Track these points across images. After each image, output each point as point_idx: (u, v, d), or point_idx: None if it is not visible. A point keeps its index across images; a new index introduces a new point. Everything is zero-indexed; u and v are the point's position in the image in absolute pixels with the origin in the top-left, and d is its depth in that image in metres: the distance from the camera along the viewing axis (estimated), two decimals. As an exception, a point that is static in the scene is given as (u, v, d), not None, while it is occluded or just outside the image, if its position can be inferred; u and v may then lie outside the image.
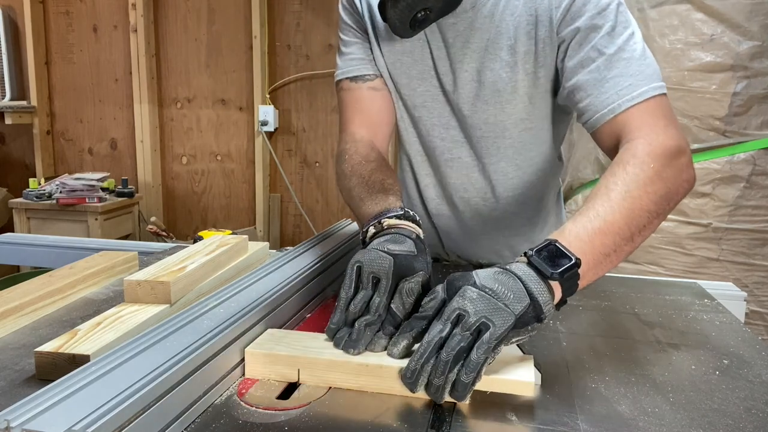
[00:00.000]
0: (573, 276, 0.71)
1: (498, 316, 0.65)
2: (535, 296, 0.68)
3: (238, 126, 3.67)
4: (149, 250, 1.35)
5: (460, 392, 0.64)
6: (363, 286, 0.75)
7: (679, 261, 2.13)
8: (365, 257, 0.77)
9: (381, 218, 0.86)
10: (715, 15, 2.02)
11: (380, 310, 0.73)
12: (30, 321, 0.88)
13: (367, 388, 0.68)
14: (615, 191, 0.80)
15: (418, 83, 1.11)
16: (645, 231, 0.81)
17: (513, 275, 0.69)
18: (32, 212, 3.30)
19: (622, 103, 0.90)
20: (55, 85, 3.86)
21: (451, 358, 0.63)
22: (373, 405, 0.66)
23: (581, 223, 0.76)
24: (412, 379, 0.65)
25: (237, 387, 0.70)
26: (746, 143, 2.05)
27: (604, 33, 0.92)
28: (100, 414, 0.50)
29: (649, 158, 0.83)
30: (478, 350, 0.64)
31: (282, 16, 3.51)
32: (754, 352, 0.84)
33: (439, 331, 0.65)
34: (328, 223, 3.09)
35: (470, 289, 0.67)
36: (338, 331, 0.74)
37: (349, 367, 0.69)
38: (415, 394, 0.66)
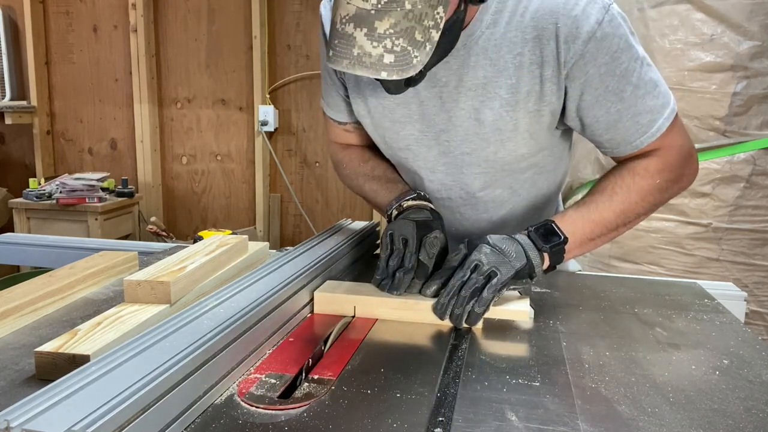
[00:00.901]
0: (560, 251, 0.95)
1: (503, 267, 0.90)
2: (530, 259, 0.93)
3: (238, 126, 3.67)
4: (149, 250, 1.35)
5: (473, 319, 0.88)
6: (396, 246, 0.97)
7: (679, 261, 2.13)
8: (394, 226, 0.99)
9: (401, 201, 1.07)
10: (715, 15, 2.02)
11: (412, 262, 0.95)
12: (30, 321, 0.88)
13: (406, 319, 0.92)
14: (619, 195, 1.00)
15: (401, 127, 1.08)
16: (630, 225, 1.02)
17: (516, 241, 0.94)
18: (32, 212, 3.30)
19: (644, 140, 0.99)
20: (55, 85, 3.87)
21: (468, 294, 0.88)
22: (374, 402, 0.66)
23: (581, 213, 0.99)
24: (441, 310, 0.89)
25: (237, 387, 0.70)
26: (746, 143, 2.05)
27: (619, 76, 0.95)
28: (100, 414, 0.50)
29: (658, 174, 1.00)
30: (488, 290, 0.88)
31: (282, 16, 3.51)
32: (754, 352, 0.84)
33: (460, 276, 0.90)
34: (328, 223, 3.09)
35: (485, 246, 0.92)
36: (382, 281, 0.96)
37: (393, 303, 0.93)
38: (442, 322, 0.90)
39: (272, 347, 0.82)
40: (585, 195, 1.03)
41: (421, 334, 0.89)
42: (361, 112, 1.11)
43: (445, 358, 0.80)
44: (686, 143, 1.02)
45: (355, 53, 0.78)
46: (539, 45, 0.94)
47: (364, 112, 1.11)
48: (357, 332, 0.88)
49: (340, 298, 0.94)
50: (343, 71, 1.06)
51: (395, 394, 0.68)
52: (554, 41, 0.93)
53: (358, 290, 0.96)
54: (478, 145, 1.05)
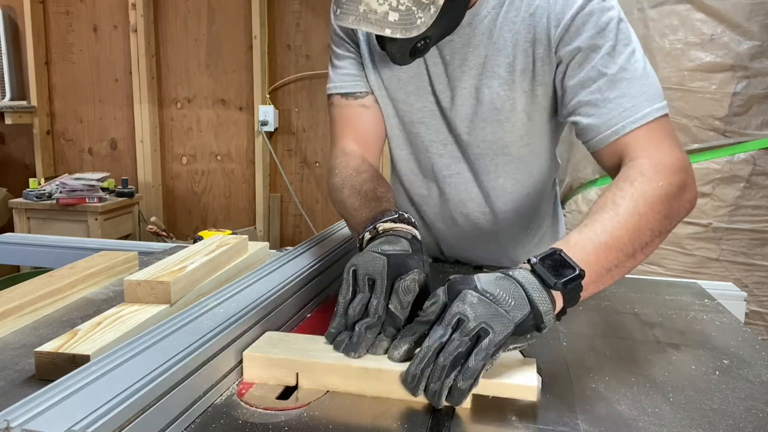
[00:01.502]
0: (576, 287, 0.71)
1: (498, 322, 0.65)
2: (536, 304, 0.68)
3: (238, 126, 3.67)
4: (149, 250, 1.35)
5: (457, 398, 0.64)
6: (360, 288, 0.76)
7: (679, 261, 2.13)
8: (359, 260, 0.77)
9: (376, 223, 0.86)
10: (715, 15, 2.02)
11: (379, 312, 0.73)
12: (30, 321, 0.88)
13: (366, 392, 0.68)
14: (623, 206, 0.79)
15: (415, 99, 1.09)
16: (647, 249, 0.81)
17: (515, 281, 0.69)
18: (32, 212, 3.30)
19: (626, 125, 0.89)
20: (55, 85, 3.86)
21: (449, 363, 0.64)
22: (373, 406, 0.66)
23: (587, 236, 0.76)
24: (413, 383, 0.65)
25: (237, 387, 0.70)
26: (746, 143, 2.05)
27: (605, 53, 0.90)
28: (100, 414, 0.50)
29: (657, 177, 0.83)
30: (476, 356, 0.64)
31: (282, 16, 3.51)
32: (754, 352, 0.84)
33: (439, 336, 0.65)
34: (328, 223, 3.09)
35: (471, 293, 0.67)
36: (338, 334, 0.74)
37: (348, 370, 0.69)
38: (415, 398, 0.66)
39: (272, 347, 0.81)
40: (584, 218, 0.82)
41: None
42: (374, 84, 1.12)
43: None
44: (679, 150, 0.90)
45: (361, 10, 0.81)
46: (533, 23, 0.96)
47: (377, 84, 1.12)
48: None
49: (277, 361, 0.71)
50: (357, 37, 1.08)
51: (394, 398, 0.68)
52: (546, 18, 0.94)
53: (305, 349, 0.73)
54: (477, 125, 1.06)
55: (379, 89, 1.12)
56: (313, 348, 0.73)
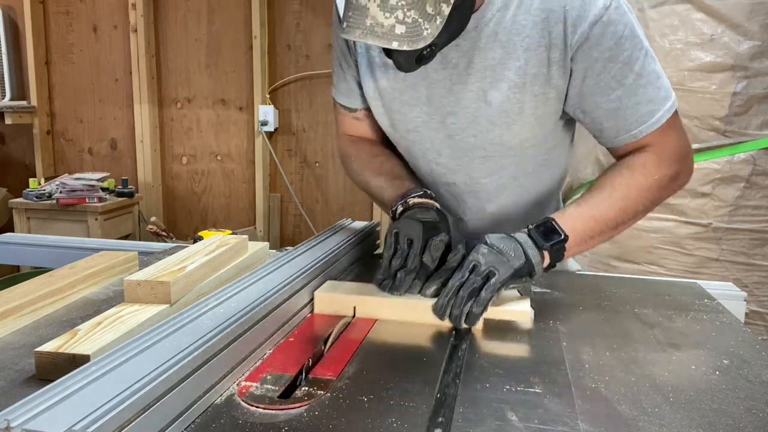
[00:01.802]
0: (560, 249, 0.95)
1: (501, 266, 0.89)
2: (529, 257, 0.92)
3: (238, 126, 3.67)
4: (149, 250, 1.35)
5: (472, 320, 0.87)
6: (400, 246, 0.95)
7: (679, 261, 2.13)
8: (400, 225, 0.98)
9: (407, 198, 1.05)
10: (715, 15, 2.02)
11: (415, 263, 0.94)
12: (30, 321, 0.88)
13: (406, 319, 0.91)
14: (617, 191, 0.99)
15: (409, 109, 1.10)
16: (629, 223, 1.02)
17: (515, 240, 0.93)
18: (32, 212, 3.30)
19: (643, 129, 1.00)
20: (55, 85, 3.86)
21: (466, 294, 0.87)
22: (373, 403, 0.66)
23: (580, 211, 0.99)
24: (440, 311, 0.88)
25: (237, 387, 0.70)
26: (746, 143, 2.05)
27: (622, 63, 0.96)
28: (100, 414, 0.50)
29: (655, 169, 1.00)
30: (486, 290, 0.87)
31: (282, 16, 3.51)
32: (754, 352, 0.84)
33: (460, 277, 0.89)
34: (328, 223, 3.09)
35: (483, 246, 0.92)
36: (384, 280, 0.95)
37: (394, 304, 0.93)
38: (442, 322, 0.89)
39: (272, 347, 0.82)
40: (585, 192, 1.02)
41: (421, 335, 0.88)
42: (371, 94, 1.13)
43: (444, 359, 0.79)
44: (683, 141, 1.04)
45: (367, 23, 0.82)
46: (547, 27, 0.96)
47: (374, 94, 1.12)
48: (357, 332, 0.88)
49: (340, 299, 0.94)
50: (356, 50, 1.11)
51: (395, 395, 0.68)
52: (562, 24, 0.95)
53: (359, 290, 0.96)
54: (484, 127, 1.06)
55: (375, 99, 1.13)
56: (366, 290, 0.96)
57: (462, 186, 1.15)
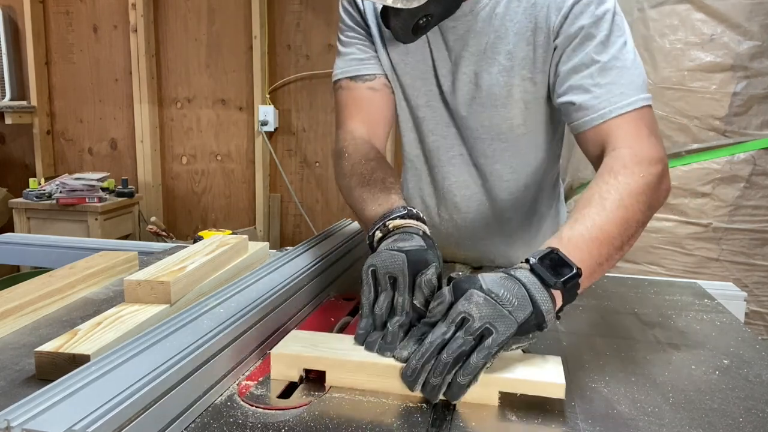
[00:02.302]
0: (574, 285, 0.73)
1: (501, 322, 0.66)
2: (538, 304, 0.69)
3: (238, 126, 3.67)
4: (149, 250, 1.36)
5: (455, 392, 0.66)
6: (382, 287, 0.76)
7: (679, 261, 2.13)
8: (378, 259, 0.77)
9: (386, 220, 0.87)
10: (715, 15, 2.02)
11: (407, 308, 0.74)
12: (30, 321, 0.88)
13: (393, 390, 0.69)
14: (609, 200, 0.82)
15: (421, 83, 1.12)
16: (632, 240, 0.84)
17: (518, 281, 0.70)
18: (32, 212, 3.30)
19: (613, 110, 0.92)
20: (55, 85, 3.86)
21: (451, 360, 0.65)
22: (374, 404, 0.66)
23: (579, 231, 0.78)
24: (412, 377, 0.66)
25: (237, 387, 0.70)
26: (746, 143, 2.05)
27: (599, 41, 0.95)
28: (100, 414, 0.50)
29: (638, 168, 0.86)
30: (478, 354, 0.65)
31: (282, 16, 3.51)
32: (754, 352, 0.84)
33: (442, 333, 0.67)
34: (328, 223, 3.09)
35: (477, 293, 0.68)
36: (368, 335, 0.74)
37: (377, 368, 0.69)
38: (411, 393, 0.67)
39: (272, 347, 0.81)
40: (572, 211, 0.85)
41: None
42: (385, 67, 1.15)
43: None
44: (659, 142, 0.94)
45: None
46: (534, 12, 0.99)
47: (388, 67, 1.14)
48: None
49: (304, 360, 0.72)
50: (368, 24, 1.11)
51: (395, 395, 0.68)
52: (546, 8, 0.98)
53: (333, 347, 0.74)
54: (474, 109, 1.09)
55: (390, 72, 1.15)
56: (341, 346, 0.74)
57: (467, 157, 1.17)
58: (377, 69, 1.14)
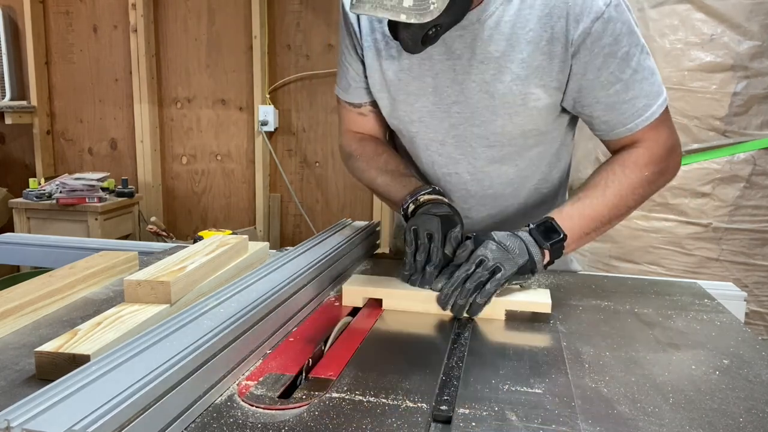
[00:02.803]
0: (559, 247, 1.00)
1: (507, 263, 0.94)
2: (532, 255, 0.97)
3: (238, 126, 3.67)
4: (149, 250, 1.35)
5: (474, 310, 0.93)
6: (421, 241, 1.00)
7: (679, 261, 2.13)
8: (418, 221, 1.02)
9: (417, 195, 1.08)
10: (715, 15, 2.02)
11: (439, 256, 0.99)
12: (30, 321, 0.88)
13: (430, 311, 0.96)
14: (610, 189, 1.04)
15: (415, 99, 1.12)
16: (621, 216, 1.08)
17: (519, 238, 0.98)
18: (32, 212, 3.30)
19: (639, 123, 1.04)
20: (55, 85, 3.86)
21: (473, 287, 0.93)
22: (374, 403, 0.66)
23: (577, 209, 1.03)
24: (445, 300, 0.94)
25: (237, 387, 0.70)
26: (746, 143, 2.05)
27: (620, 59, 0.99)
28: (100, 414, 0.50)
29: (646, 168, 1.05)
30: (491, 283, 0.93)
31: (282, 16, 3.51)
32: (754, 352, 0.84)
33: (465, 270, 0.94)
34: (328, 223, 3.09)
35: (491, 243, 0.96)
36: (411, 275, 1.00)
37: (419, 296, 0.97)
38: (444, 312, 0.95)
39: (272, 347, 0.82)
40: (579, 188, 1.07)
41: (420, 334, 0.92)
42: (377, 86, 1.15)
43: (444, 361, 0.80)
44: (673, 135, 1.08)
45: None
46: (550, 22, 0.99)
47: (380, 86, 1.15)
48: (357, 332, 0.88)
49: (368, 292, 1.00)
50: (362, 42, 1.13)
51: (395, 395, 0.68)
52: (564, 19, 0.98)
53: (385, 284, 1.01)
54: (487, 118, 1.09)
55: (382, 90, 1.15)
56: (392, 283, 1.01)
57: (465, 175, 1.17)
58: (364, 98, 1.20)
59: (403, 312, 0.97)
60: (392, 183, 1.16)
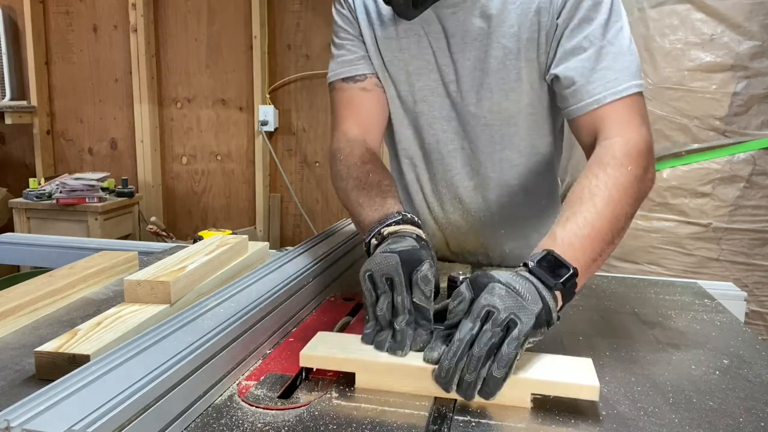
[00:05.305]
0: (572, 285, 0.74)
1: (523, 313, 0.67)
2: (546, 301, 0.70)
3: (238, 126, 3.67)
4: (149, 250, 1.36)
5: (492, 388, 0.65)
6: (380, 289, 0.76)
7: (679, 261, 2.13)
8: (372, 263, 0.78)
9: (381, 228, 0.87)
10: (715, 15, 2.02)
11: (407, 305, 0.74)
12: (30, 321, 0.88)
13: (425, 392, 0.68)
14: (599, 196, 0.84)
15: (417, 78, 1.12)
16: (622, 233, 0.86)
17: (527, 280, 0.72)
18: (32, 212, 3.30)
19: (607, 95, 0.94)
20: (55, 85, 3.86)
21: (484, 353, 0.65)
22: (374, 404, 0.66)
23: (571, 230, 0.80)
24: (446, 378, 0.66)
25: (237, 387, 0.70)
26: (746, 143, 2.05)
27: (597, 25, 0.96)
28: (100, 414, 0.50)
29: (626, 160, 0.88)
30: (509, 345, 0.65)
31: (282, 16, 3.51)
32: (754, 352, 0.84)
33: (469, 329, 0.66)
34: (328, 223, 3.09)
35: (498, 286, 0.69)
36: (375, 335, 0.74)
37: (409, 370, 0.69)
38: (447, 395, 0.67)
39: (272, 347, 0.82)
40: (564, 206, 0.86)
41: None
42: (378, 68, 1.15)
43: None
44: (648, 129, 0.96)
45: None
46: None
47: (380, 67, 1.14)
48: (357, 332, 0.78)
49: (334, 362, 0.72)
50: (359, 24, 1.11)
51: (395, 395, 0.68)
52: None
53: (359, 349, 0.74)
54: (483, 95, 1.08)
55: (382, 71, 1.15)
56: (367, 348, 0.73)
57: (468, 151, 1.16)
58: (368, 68, 1.15)
59: (386, 392, 0.69)
60: (365, 202, 0.96)
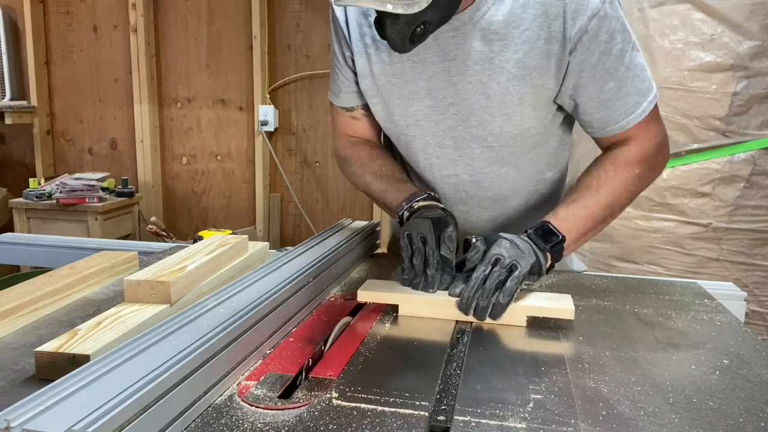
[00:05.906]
0: (559, 249, 1.00)
1: (522, 260, 0.92)
2: (538, 256, 0.96)
3: (238, 126, 3.67)
4: (149, 250, 1.35)
5: (498, 311, 0.90)
6: (415, 245, 0.97)
7: (679, 261, 2.13)
8: (410, 226, 1.00)
9: (412, 202, 1.08)
10: (715, 15, 2.02)
11: (436, 257, 0.96)
12: (30, 321, 0.88)
13: (448, 317, 0.93)
14: (603, 189, 1.06)
15: (410, 103, 1.11)
16: (616, 215, 1.09)
17: (525, 240, 0.97)
18: (32, 212, 3.30)
19: (630, 120, 1.05)
20: (55, 85, 3.86)
21: (493, 287, 0.90)
22: (375, 404, 0.66)
23: (572, 210, 1.04)
24: (466, 304, 0.91)
25: (237, 387, 0.70)
26: (746, 143, 2.05)
27: (615, 56, 1.01)
28: (100, 414, 0.50)
29: (637, 164, 1.07)
30: (511, 281, 0.90)
31: (282, 16, 3.51)
32: (754, 352, 0.84)
33: (483, 271, 0.91)
34: (328, 223, 3.09)
35: (504, 242, 0.94)
36: (413, 280, 0.98)
37: (438, 302, 0.95)
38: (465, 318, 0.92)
39: (272, 347, 0.82)
40: (573, 189, 1.08)
41: (422, 332, 0.90)
42: (369, 92, 1.14)
43: (444, 360, 0.80)
44: (662, 131, 1.10)
45: None
46: (546, 21, 0.98)
47: (372, 91, 1.14)
48: (357, 332, 0.88)
49: (383, 297, 0.98)
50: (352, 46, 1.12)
51: (395, 395, 0.68)
52: (561, 17, 0.98)
53: (400, 289, 0.99)
54: (484, 118, 1.08)
55: (374, 96, 1.14)
56: (404, 289, 0.99)
57: (464, 176, 1.17)
58: (357, 101, 1.20)
59: (412, 317, 0.95)
60: (388, 189, 1.15)
